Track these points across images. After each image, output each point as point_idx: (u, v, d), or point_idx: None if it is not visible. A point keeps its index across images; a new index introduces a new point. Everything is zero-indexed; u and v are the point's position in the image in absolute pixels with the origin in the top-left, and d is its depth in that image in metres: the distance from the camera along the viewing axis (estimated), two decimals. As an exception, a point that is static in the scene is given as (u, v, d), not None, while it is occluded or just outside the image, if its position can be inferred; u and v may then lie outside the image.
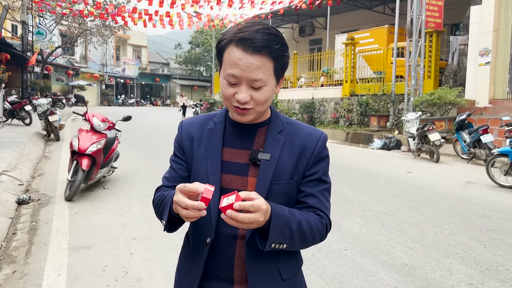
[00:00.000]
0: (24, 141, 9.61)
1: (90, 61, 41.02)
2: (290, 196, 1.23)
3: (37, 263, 3.53)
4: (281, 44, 1.15)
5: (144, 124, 18.20)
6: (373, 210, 5.24)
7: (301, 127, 1.29)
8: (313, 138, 1.25)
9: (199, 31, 47.93)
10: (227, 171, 1.23)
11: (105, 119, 6.13)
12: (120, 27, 26.71)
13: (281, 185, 1.20)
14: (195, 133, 1.30)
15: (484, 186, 6.81)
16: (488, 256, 3.78)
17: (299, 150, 1.23)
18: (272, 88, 1.17)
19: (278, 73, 1.18)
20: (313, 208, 1.22)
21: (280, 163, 1.20)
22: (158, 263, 3.57)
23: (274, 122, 1.27)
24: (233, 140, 1.26)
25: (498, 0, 11.33)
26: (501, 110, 10.97)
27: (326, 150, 1.28)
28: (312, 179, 1.24)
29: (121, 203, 5.49)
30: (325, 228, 1.23)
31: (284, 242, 1.12)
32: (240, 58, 1.11)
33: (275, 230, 1.09)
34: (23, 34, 20.60)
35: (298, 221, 1.14)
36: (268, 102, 1.19)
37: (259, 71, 1.11)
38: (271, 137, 1.24)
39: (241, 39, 1.11)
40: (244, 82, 1.12)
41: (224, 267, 1.21)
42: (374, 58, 15.57)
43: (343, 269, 3.44)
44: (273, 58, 1.13)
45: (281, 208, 1.13)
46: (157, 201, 1.28)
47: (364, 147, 12.40)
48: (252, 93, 1.14)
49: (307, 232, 1.16)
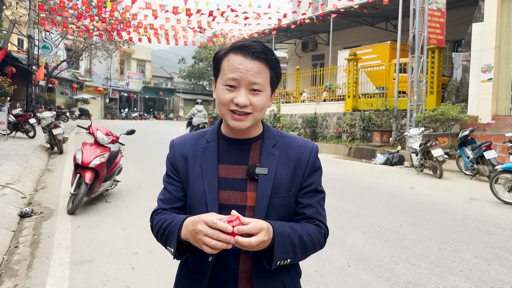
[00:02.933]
0: (27, 154, 9.65)
1: (95, 75, 41.36)
2: (289, 208, 1.26)
3: (39, 276, 3.52)
4: (275, 57, 1.23)
5: (147, 137, 18.25)
6: (376, 225, 5.21)
7: (293, 139, 1.32)
8: (306, 150, 1.29)
9: (203, 47, 48.37)
10: (225, 187, 1.23)
11: (109, 133, 6.16)
12: (125, 42, 27.00)
13: (280, 198, 1.22)
14: (189, 152, 1.30)
15: (487, 202, 6.77)
16: (493, 273, 3.74)
17: (294, 162, 1.26)
18: (268, 96, 1.23)
19: (273, 82, 1.24)
20: (312, 219, 1.26)
21: (277, 177, 1.23)
22: (160, 277, 3.54)
23: (267, 137, 1.29)
24: (228, 156, 1.27)
25: (500, 17, 11.43)
26: (504, 126, 10.96)
27: (319, 160, 1.32)
28: (308, 190, 1.27)
29: (123, 216, 5.48)
30: (323, 236, 1.27)
31: (288, 258, 1.15)
32: (240, 63, 1.17)
33: (279, 248, 1.12)
34: (29, 48, 20.86)
35: (299, 235, 1.18)
36: (264, 110, 1.23)
37: (258, 75, 1.18)
38: (266, 151, 1.26)
39: (241, 46, 1.19)
40: (243, 85, 1.17)
41: (228, 282, 1.22)
42: (376, 74, 15.65)
43: (346, 286, 3.41)
44: (269, 67, 1.21)
45: (281, 225, 1.16)
46: (158, 227, 1.27)
47: (367, 162, 12.37)
48: (251, 97, 1.18)
49: (308, 244, 1.20)
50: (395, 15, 15.12)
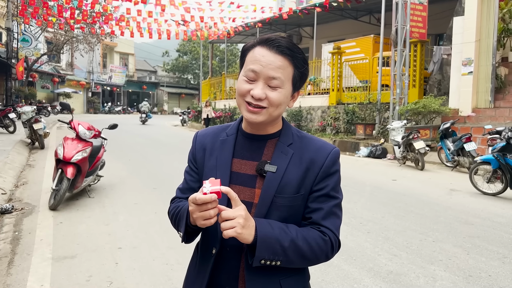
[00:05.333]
0: (7, 149, 9.46)
1: (76, 69, 40.64)
2: (295, 210, 1.22)
3: (20, 273, 3.47)
4: (303, 56, 1.20)
5: (130, 132, 18.08)
6: (359, 217, 5.28)
7: (312, 141, 1.28)
8: (322, 153, 1.24)
9: (188, 40, 47.99)
10: (236, 182, 1.24)
11: (91, 127, 6.08)
12: (107, 35, 26.57)
13: (285, 199, 1.19)
14: (208, 144, 1.32)
15: (467, 193, 6.92)
16: (471, 262, 3.84)
17: (306, 164, 1.22)
18: (287, 94, 1.20)
19: (296, 81, 1.21)
20: (317, 225, 1.20)
21: (286, 176, 1.20)
22: (143, 272, 3.54)
23: (284, 135, 1.27)
24: (243, 151, 1.27)
25: (480, 11, 11.61)
26: (483, 119, 11.19)
27: (337, 165, 1.25)
28: (319, 194, 1.22)
29: (107, 212, 5.43)
30: (329, 245, 1.19)
31: (277, 259, 1.13)
32: (263, 55, 1.16)
33: (262, 247, 1.10)
34: (8, 41, 20.37)
35: (291, 239, 1.13)
36: (281, 107, 1.20)
37: (278, 70, 1.16)
38: (279, 150, 1.23)
39: (267, 39, 1.18)
40: (262, 79, 1.16)
41: (229, 279, 1.23)
42: (360, 67, 15.76)
43: (329, 277, 3.45)
44: (293, 64, 1.18)
45: (269, 225, 1.14)
46: (172, 213, 1.32)
47: (351, 155, 12.50)
48: (268, 91, 1.17)
49: (304, 249, 1.15)
50: (378, 9, 15.23)
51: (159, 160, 10.19)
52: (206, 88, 27.05)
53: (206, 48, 35.30)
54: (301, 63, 1.20)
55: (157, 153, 11.65)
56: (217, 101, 23.51)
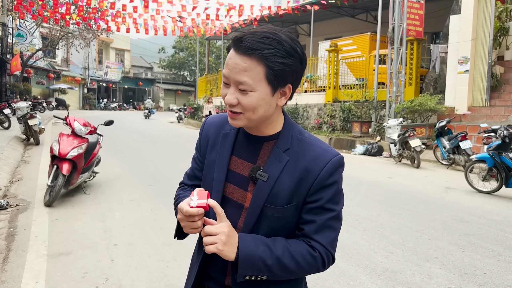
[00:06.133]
0: (2, 145, 9.40)
1: (72, 65, 40.41)
2: (287, 221, 1.15)
3: (15, 270, 3.45)
4: (278, 50, 1.05)
5: (126, 128, 18.01)
6: (355, 215, 5.29)
7: (312, 147, 1.17)
8: (319, 162, 1.13)
9: (184, 36, 47.82)
10: (231, 181, 1.20)
11: (87, 123, 6.05)
12: (103, 31, 26.42)
13: (275, 210, 1.13)
14: (211, 135, 1.28)
15: (463, 191, 6.95)
16: (466, 260, 3.86)
17: (300, 174, 1.13)
18: (263, 95, 1.08)
19: (272, 80, 1.07)
20: (309, 238, 1.14)
21: (277, 186, 1.13)
22: (139, 269, 3.53)
23: (282, 138, 1.17)
24: (242, 149, 1.21)
25: (477, 10, 11.64)
26: (479, 117, 11.24)
27: (335, 176, 1.15)
28: (313, 206, 1.14)
29: (102, 208, 5.41)
30: (319, 261, 1.14)
31: (262, 275, 1.10)
32: (231, 57, 1.07)
33: (244, 265, 1.08)
34: (3, 36, 20.21)
35: (276, 257, 1.09)
36: (259, 111, 1.09)
37: (244, 74, 1.04)
38: (274, 156, 1.15)
39: (235, 38, 1.07)
40: (232, 83, 1.08)
41: (219, 272, 1.23)
42: (356, 65, 15.77)
43: (325, 274, 3.46)
44: (264, 63, 1.04)
45: (253, 242, 1.10)
46: (174, 202, 1.33)
47: (347, 152, 12.52)
48: (239, 96, 1.07)
49: (291, 266, 1.11)
50: (375, 7, 15.22)
51: (155, 157, 10.16)
52: (202, 85, 26.99)
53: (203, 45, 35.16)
54: (274, 60, 1.04)
55: (153, 150, 11.62)
56: (213, 98, 23.46)
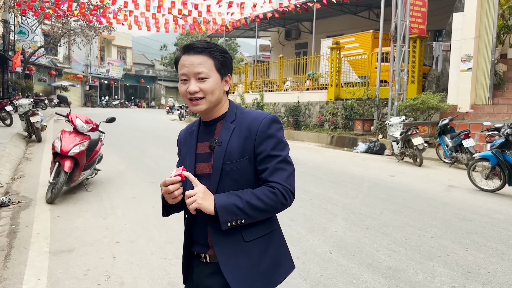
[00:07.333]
0: (4, 142, 9.40)
1: (74, 62, 40.40)
2: (243, 173, 1.47)
3: (17, 267, 3.45)
4: (218, 49, 1.48)
5: (128, 125, 18.01)
6: (358, 213, 5.27)
7: (250, 113, 1.53)
8: (256, 121, 1.48)
9: (186, 34, 47.74)
10: (199, 161, 1.54)
11: (89, 121, 6.04)
12: (105, 28, 26.40)
13: (232, 164, 1.46)
14: (183, 138, 1.66)
15: (466, 190, 6.93)
16: (470, 259, 3.84)
17: (245, 133, 1.47)
18: (217, 80, 1.48)
19: (219, 68, 1.48)
20: (266, 182, 1.45)
21: (229, 146, 1.46)
22: (141, 266, 3.52)
23: (228, 114, 1.54)
24: (203, 135, 1.57)
25: (480, 8, 11.58)
26: (482, 116, 11.19)
27: (272, 129, 1.48)
28: (263, 156, 1.46)
29: (104, 205, 5.41)
30: (279, 195, 1.43)
31: (240, 219, 1.39)
32: (186, 59, 1.47)
33: (222, 212, 1.37)
34: (5, 33, 20.21)
35: (245, 200, 1.40)
36: (216, 92, 1.48)
37: (200, 66, 1.45)
38: (224, 127, 1.51)
39: (185, 46, 1.49)
40: (191, 77, 1.46)
41: (201, 235, 1.52)
42: (359, 63, 15.72)
43: (328, 272, 3.44)
44: (212, 57, 1.47)
45: (225, 195, 1.42)
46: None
47: (349, 150, 12.49)
48: (199, 84, 1.45)
49: (259, 205, 1.40)
50: (378, 4, 15.17)
51: (157, 154, 10.15)
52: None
53: (205, 42, 35.17)
54: (218, 54, 1.47)
55: (154, 147, 11.61)
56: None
